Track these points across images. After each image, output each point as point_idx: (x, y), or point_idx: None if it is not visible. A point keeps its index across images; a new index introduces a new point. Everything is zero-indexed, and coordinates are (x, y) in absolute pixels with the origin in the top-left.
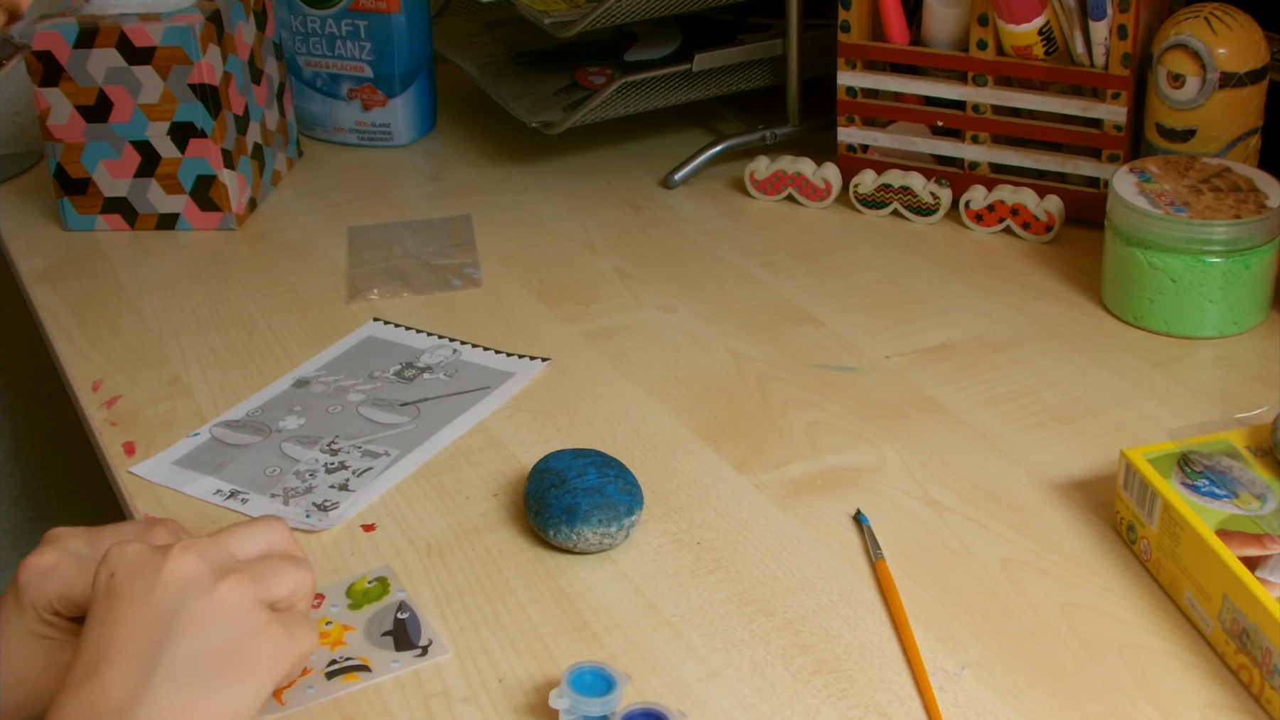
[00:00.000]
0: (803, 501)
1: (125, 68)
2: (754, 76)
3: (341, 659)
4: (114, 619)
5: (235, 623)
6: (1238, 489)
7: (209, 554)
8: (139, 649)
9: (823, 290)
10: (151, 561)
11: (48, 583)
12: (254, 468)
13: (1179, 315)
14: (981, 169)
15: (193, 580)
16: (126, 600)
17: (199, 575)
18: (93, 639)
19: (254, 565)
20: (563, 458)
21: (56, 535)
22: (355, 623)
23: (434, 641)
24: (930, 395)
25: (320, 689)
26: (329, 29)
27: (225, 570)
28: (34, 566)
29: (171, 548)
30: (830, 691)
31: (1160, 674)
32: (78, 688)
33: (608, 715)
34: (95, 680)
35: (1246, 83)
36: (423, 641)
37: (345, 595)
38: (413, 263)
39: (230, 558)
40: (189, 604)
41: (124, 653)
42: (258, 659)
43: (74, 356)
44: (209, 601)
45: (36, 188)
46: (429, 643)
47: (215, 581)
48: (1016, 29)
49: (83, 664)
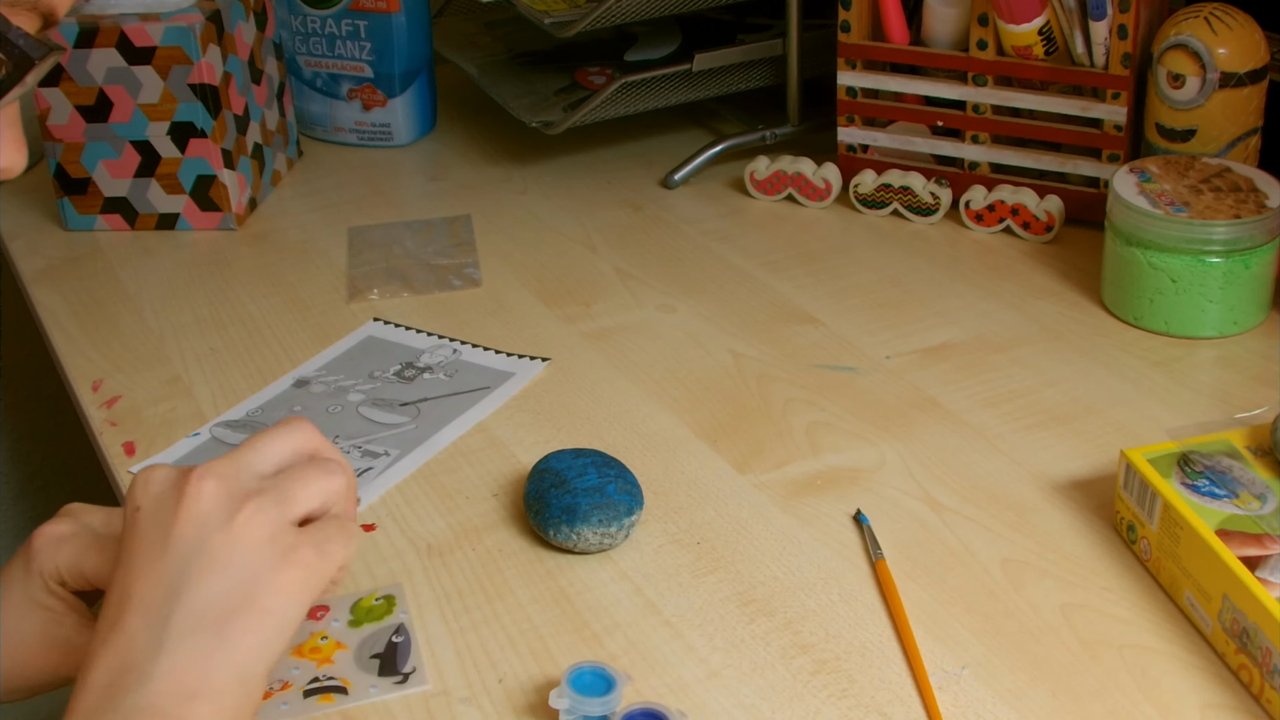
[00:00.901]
0: (803, 501)
1: (125, 68)
2: (754, 76)
3: (324, 678)
4: (136, 562)
5: (256, 555)
6: (1238, 489)
7: (228, 477)
8: (155, 597)
9: (823, 290)
10: (172, 494)
11: (60, 552)
12: None
13: (1179, 315)
14: (981, 169)
15: (210, 514)
16: (148, 542)
17: (216, 507)
18: (119, 581)
19: (278, 481)
20: (563, 458)
21: (74, 509)
22: (350, 641)
23: (418, 670)
24: (930, 395)
25: (294, 706)
26: (329, 29)
27: (245, 495)
28: (49, 534)
29: (191, 473)
30: (830, 691)
31: (1160, 674)
32: (104, 635)
33: (608, 715)
34: (118, 629)
35: (1246, 83)
36: (406, 669)
37: (349, 611)
38: (413, 263)
39: (253, 476)
40: (208, 542)
41: (142, 600)
42: (280, 593)
43: (74, 356)
44: (227, 537)
45: (36, 188)
46: (412, 670)
47: (235, 511)
48: (1016, 29)
49: (110, 609)
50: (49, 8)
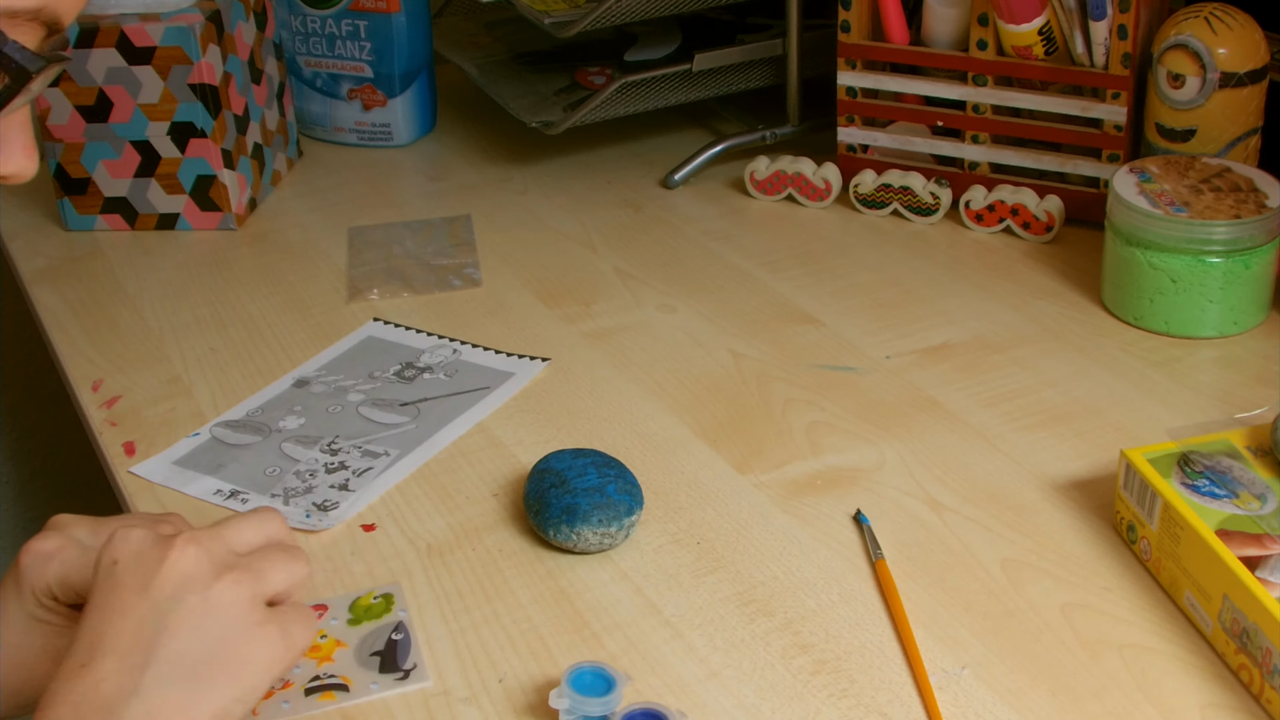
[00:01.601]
0: (803, 501)
1: (125, 68)
2: (754, 76)
3: (325, 676)
4: (111, 608)
5: (230, 622)
6: (1238, 489)
7: (211, 549)
8: (132, 644)
9: (823, 290)
10: (154, 553)
11: (48, 568)
12: (254, 468)
13: (1179, 315)
14: (981, 169)
15: (192, 576)
16: (125, 590)
17: (199, 571)
18: (90, 626)
19: (252, 560)
20: (563, 458)
21: (60, 522)
22: (349, 639)
23: (418, 666)
24: (930, 395)
25: (296, 704)
26: (329, 29)
27: (225, 566)
28: (35, 550)
29: (175, 539)
30: (830, 691)
31: (1160, 674)
32: (71, 675)
33: (608, 715)
34: (88, 670)
35: (1246, 83)
36: (407, 665)
37: (348, 610)
38: (413, 263)
39: (230, 553)
40: (186, 600)
41: (117, 646)
42: (250, 660)
43: (74, 356)
44: (205, 599)
45: (36, 188)
46: (413, 667)
47: (214, 578)
48: (1016, 29)
49: (79, 650)
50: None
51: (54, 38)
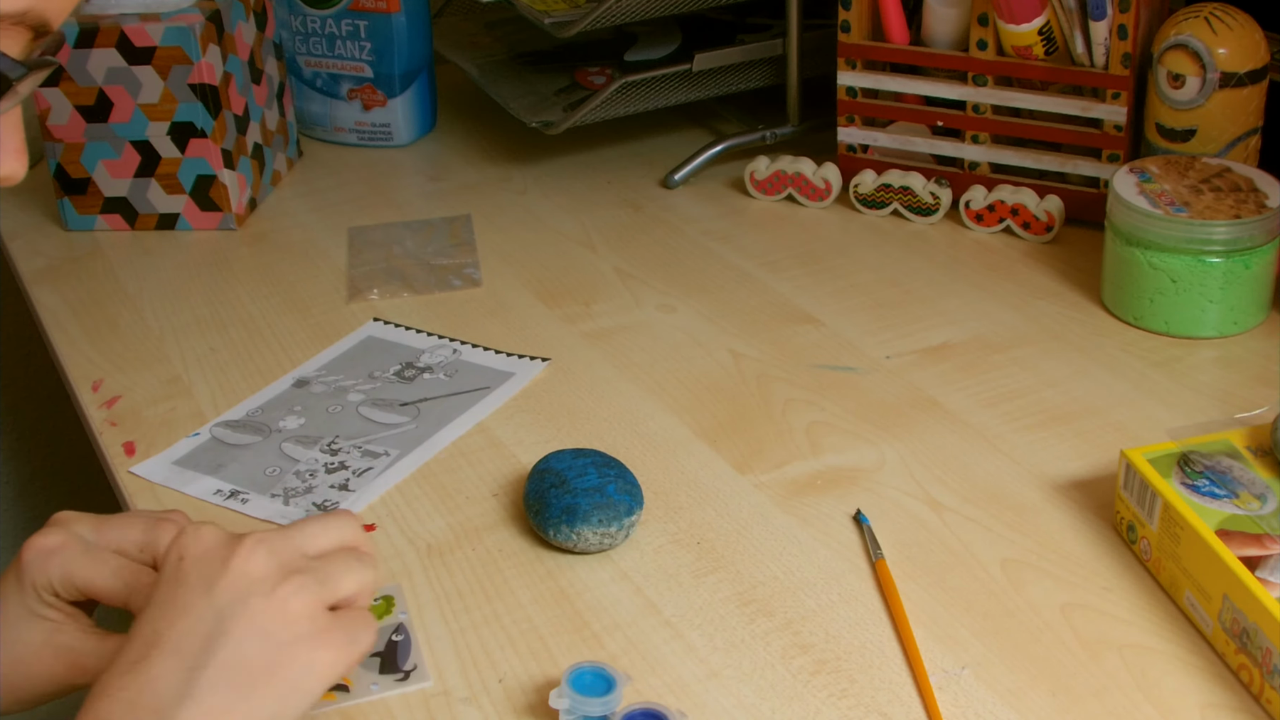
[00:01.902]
0: (803, 501)
1: (125, 68)
2: (754, 76)
3: None
4: (173, 605)
5: (292, 628)
6: (1238, 489)
7: (279, 550)
8: (191, 645)
9: (823, 290)
10: (221, 552)
11: (50, 564)
12: (254, 468)
13: (1179, 315)
14: (981, 169)
15: (257, 579)
16: (188, 589)
17: (265, 574)
18: (149, 621)
19: (321, 565)
20: (563, 458)
21: (63, 518)
22: None
23: (418, 667)
24: (930, 395)
25: None
26: (329, 29)
27: (291, 570)
28: (38, 546)
29: (245, 540)
30: (830, 691)
31: (1160, 674)
32: (126, 670)
33: (608, 715)
34: (144, 666)
35: (1246, 83)
36: (407, 666)
37: None
38: (413, 263)
39: (299, 555)
40: (249, 604)
41: (176, 646)
42: (309, 667)
43: (74, 356)
44: (268, 604)
45: (36, 188)
46: (413, 668)
47: (279, 582)
48: (1016, 29)
49: (135, 646)
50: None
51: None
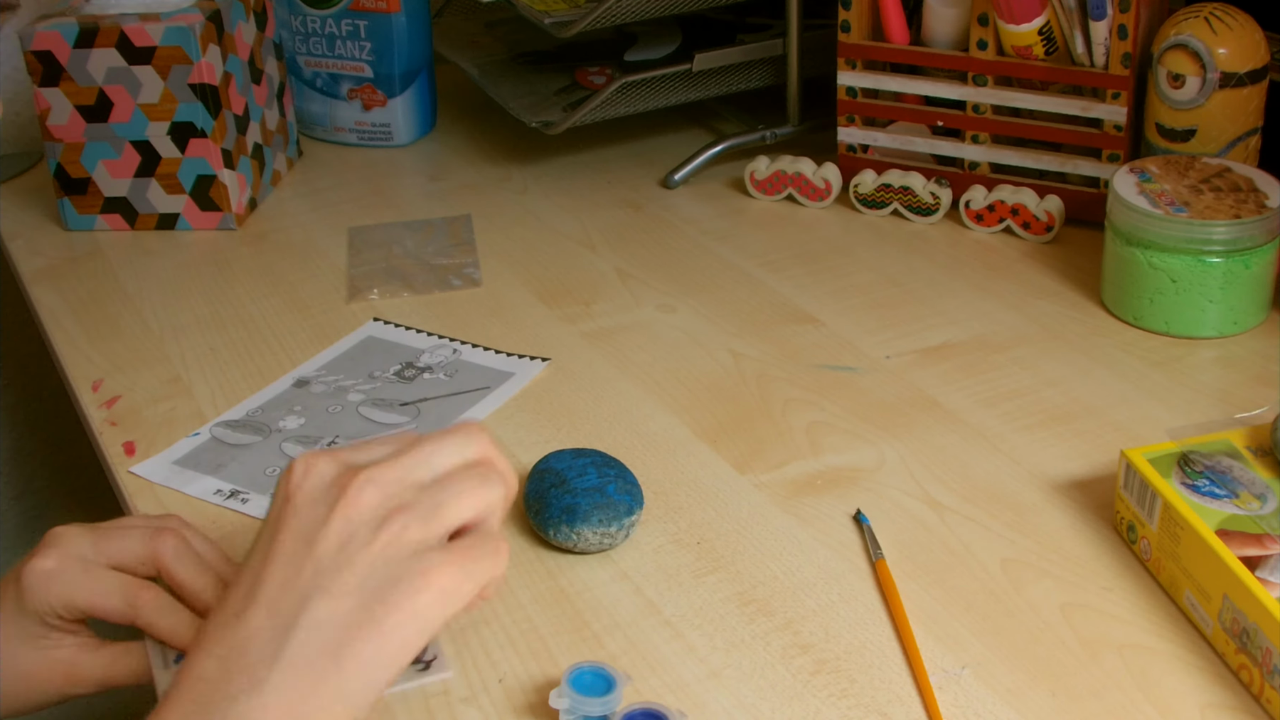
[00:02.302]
0: (803, 501)
1: (125, 68)
2: (754, 76)
3: None
4: (276, 547)
5: (394, 571)
6: (1238, 489)
7: (389, 485)
8: (285, 598)
9: (823, 290)
10: (329, 494)
11: (50, 588)
12: (254, 468)
13: (1179, 315)
14: (981, 169)
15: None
16: (290, 534)
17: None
18: (252, 567)
19: (431, 494)
20: (563, 458)
21: (59, 536)
22: None
23: (438, 658)
24: (930, 395)
25: None
26: (329, 29)
27: (399, 508)
28: (37, 571)
29: (356, 477)
30: (830, 691)
31: (1160, 674)
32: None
33: (608, 715)
34: (244, 620)
35: (1246, 83)
36: (427, 656)
37: None
38: (413, 263)
39: (412, 487)
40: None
41: (270, 598)
42: (410, 616)
43: (74, 356)
44: (369, 552)
45: (36, 188)
46: (433, 658)
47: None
48: (1016, 29)
49: (236, 595)
50: None
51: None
